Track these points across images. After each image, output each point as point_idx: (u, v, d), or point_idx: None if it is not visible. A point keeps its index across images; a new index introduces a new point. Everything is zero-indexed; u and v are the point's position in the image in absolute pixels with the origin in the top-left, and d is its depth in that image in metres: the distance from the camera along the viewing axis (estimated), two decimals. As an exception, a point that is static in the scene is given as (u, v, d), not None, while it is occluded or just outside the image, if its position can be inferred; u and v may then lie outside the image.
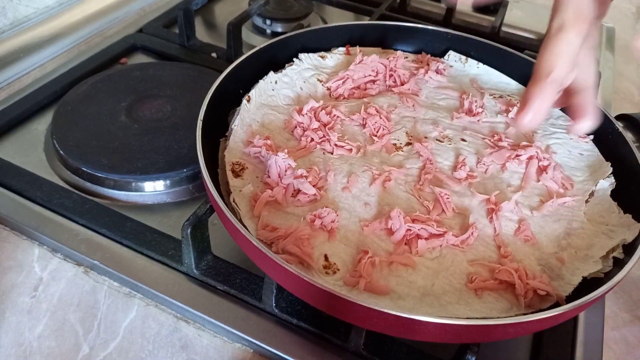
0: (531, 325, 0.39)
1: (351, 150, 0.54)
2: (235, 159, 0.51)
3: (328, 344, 0.47)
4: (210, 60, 0.81)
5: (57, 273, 0.52)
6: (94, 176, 0.60)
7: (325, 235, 0.46)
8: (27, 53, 0.77)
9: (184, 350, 0.47)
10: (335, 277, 0.43)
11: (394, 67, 0.64)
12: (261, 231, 0.45)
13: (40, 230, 0.54)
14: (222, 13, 0.99)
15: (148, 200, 0.60)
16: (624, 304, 0.57)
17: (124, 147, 0.63)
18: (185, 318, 0.50)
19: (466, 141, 0.57)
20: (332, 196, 0.49)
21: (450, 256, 0.46)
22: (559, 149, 0.57)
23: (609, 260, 0.45)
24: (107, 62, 0.79)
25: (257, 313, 0.49)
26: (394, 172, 0.52)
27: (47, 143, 0.65)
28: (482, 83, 0.66)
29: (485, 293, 0.43)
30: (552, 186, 0.52)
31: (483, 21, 1.00)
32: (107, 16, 0.88)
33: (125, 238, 0.54)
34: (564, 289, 0.43)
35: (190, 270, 0.51)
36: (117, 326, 0.48)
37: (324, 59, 0.66)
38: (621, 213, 0.49)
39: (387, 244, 0.46)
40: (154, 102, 0.70)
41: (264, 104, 0.58)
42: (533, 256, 0.46)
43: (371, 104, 0.59)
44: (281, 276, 0.41)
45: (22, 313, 0.49)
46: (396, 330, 0.40)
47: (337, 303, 0.38)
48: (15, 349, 0.46)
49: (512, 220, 0.49)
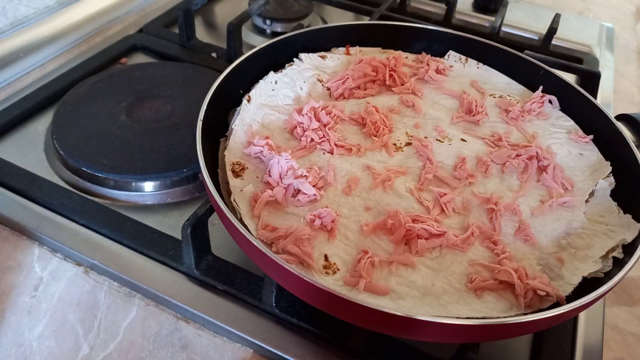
0: (531, 325, 0.39)
1: (351, 150, 0.54)
2: (235, 159, 0.51)
3: (328, 344, 0.47)
4: (210, 60, 0.81)
5: (57, 273, 0.52)
6: (94, 176, 0.60)
7: (325, 235, 0.46)
8: (27, 53, 0.77)
9: (184, 350, 0.47)
10: (335, 277, 0.43)
11: (394, 67, 0.64)
12: (261, 231, 0.45)
13: (41, 230, 0.54)
14: (222, 13, 0.99)
15: (148, 200, 0.60)
16: (624, 304, 0.57)
17: (124, 147, 0.63)
18: (185, 318, 0.50)
19: (466, 141, 0.57)
20: (332, 196, 0.49)
21: (450, 256, 0.46)
22: (559, 149, 0.57)
23: (609, 260, 0.45)
24: (107, 62, 0.79)
25: (257, 313, 0.49)
26: (394, 172, 0.52)
27: (47, 143, 0.65)
28: (482, 83, 0.66)
29: (485, 293, 0.43)
30: (552, 186, 0.52)
31: (483, 21, 1.00)
32: (107, 16, 0.88)
33: (125, 238, 0.54)
34: (563, 288, 0.43)
35: (190, 270, 0.51)
36: (117, 326, 0.48)
37: (324, 59, 0.66)
38: (621, 213, 0.49)
39: (387, 243, 0.46)
40: (154, 102, 0.70)
41: (264, 104, 0.58)
42: (533, 256, 0.47)
43: (371, 104, 0.59)
44: (281, 276, 0.41)
45: (22, 313, 0.48)
46: (396, 330, 0.40)
47: (337, 303, 0.38)
48: (15, 349, 0.46)
49: (512, 220, 0.49)
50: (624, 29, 1.10)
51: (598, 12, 1.15)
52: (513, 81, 0.66)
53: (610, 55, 0.98)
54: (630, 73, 0.98)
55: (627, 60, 1.01)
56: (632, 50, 1.04)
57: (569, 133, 0.59)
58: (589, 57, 0.95)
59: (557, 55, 0.89)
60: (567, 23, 1.00)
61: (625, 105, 0.88)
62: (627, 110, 0.66)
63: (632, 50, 1.04)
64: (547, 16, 0.96)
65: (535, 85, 0.63)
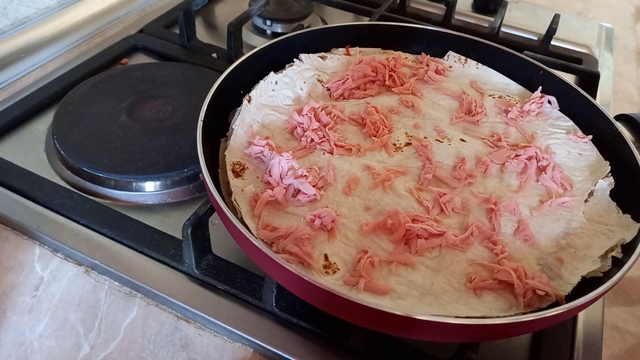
0: (530, 324, 0.39)
1: (351, 150, 0.54)
2: (235, 159, 0.52)
3: (328, 344, 0.47)
4: (211, 60, 0.81)
5: (58, 273, 0.52)
6: (94, 176, 0.60)
7: (325, 235, 0.46)
8: (28, 53, 0.77)
9: (184, 350, 0.47)
10: (335, 277, 0.43)
11: (393, 67, 0.65)
12: (261, 231, 0.45)
13: (41, 230, 0.54)
14: (222, 13, 0.99)
15: (149, 200, 0.60)
16: (623, 304, 0.57)
17: (125, 147, 0.63)
18: (186, 317, 0.50)
19: (466, 141, 0.57)
20: (332, 196, 0.50)
21: (449, 256, 0.46)
22: (558, 149, 0.57)
23: (608, 259, 0.46)
24: (107, 62, 0.79)
25: (257, 312, 0.49)
26: (394, 172, 0.52)
27: (48, 143, 0.65)
28: (481, 83, 0.66)
29: (484, 293, 0.43)
30: (551, 186, 0.52)
31: (482, 22, 1.01)
32: (107, 16, 0.88)
33: (125, 238, 0.54)
34: (563, 288, 0.44)
35: (190, 269, 0.51)
36: (117, 326, 0.48)
37: (324, 60, 0.66)
38: (620, 213, 0.49)
39: (386, 243, 0.46)
40: (154, 103, 0.70)
41: (265, 105, 0.58)
42: (532, 256, 0.47)
43: (371, 104, 0.60)
44: (281, 276, 0.41)
45: (23, 313, 0.49)
46: (396, 329, 0.40)
47: (337, 302, 0.38)
48: (15, 348, 0.46)
49: (512, 220, 0.49)
50: (623, 29, 1.10)
51: (597, 13, 1.15)
52: (512, 81, 0.66)
53: (609, 55, 0.98)
54: (630, 73, 0.98)
55: (626, 61, 1.01)
56: (632, 50, 1.05)
57: (568, 133, 0.59)
58: (588, 57, 0.95)
59: (556, 55, 0.89)
60: (566, 23, 1.00)
61: (624, 106, 0.89)
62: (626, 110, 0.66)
63: (632, 51, 1.04)
64: (547, 16, 0.96)
65: (535, 86, 0.64)
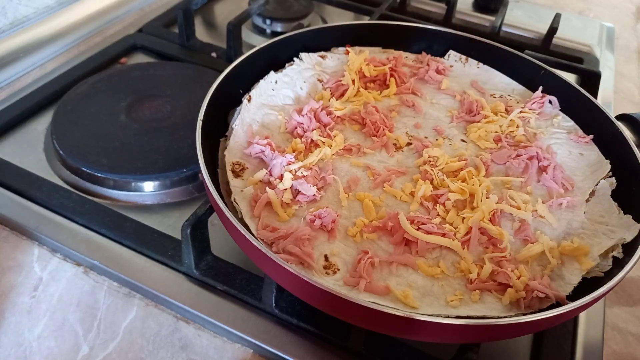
0: (532, 325, 0.39)
1: (351, 150, 0.54)
2: (235, 159, 0.51)
3: (328, 344, 0.47)
4: (210, 60, 0.81)
5: (57, 273, 0.52)
6: (93, 176, 0.60)
7: (325, 235, 0.46)
8: (27, 53, 0.77)
9: (183, 351, 0.47)
10: (335, 277, 0.43)
11: (394, 67, 0.64)
12: (261, 231, 0.45)
13: (40, 230, 0.54)
14: (222, 13, 0.99)
15: (148, 200, 0.60)
16: (624, 304, 0.57)
17: (124, 147, 0.63)
18: (185, 318, 0.50)
19: (466, 141, 0.57)
20: (332, 196, 0.49)
21: (450, 256, 0.46)
22: (559, 149, 0.57)
23: (609, 259, 0.45)
24: (106, 62, 0.79)
25: (257, 313, 0.49)
26: (394, 172, 0.52)
27: (46, 143, 0.65)
28: (482, 83, 0.66)
29: (485, 293, 0.43)
30: (552, 186, 0.52)
31: (483, 21, 1.00)
32: (106, 16, 0.88)
33: (124, 238, 0.54)
34: (563, 289, 0.43)
35: (190, 270, 0.51)
36: (116, 326, 0.48)
37: (324, 59, 0.66)
38: (621, 213, 0.49)
39: (387, 244, 0.46)
40: (153, 102, 0.70)
41: (265, 104, 0.58)
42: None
43: (371, 104, 0.59)
44: (281, 276, 0.41)
45: (22, 313, 0.48)
46: (396, 330, 0.40)
47: (337, 303, 0.38)
48: (14, 349, 0.46)
49: (512, 220, 0.49)
50: (625, 29, 1.10)
51: (598, 12, 1.15)
52: (513, 81, 0.66)
53: (610, 55, 0.98)
54: (631, 73, 0.97)
55: (628, 60, 1.01)
56: (633, 50, 1.04)
57: (569, 133, 0.59)
58: (590, 56, 0.95)
59: (557, 55, 0.89)
60: (567, 23, 1.00)
61: (625, 105, 0.88)
62: (627, 110, 0.66)
63: (633, 50, 1.04)
64: (548, 16, 0.96)
65: (536, 85, 0.63)
